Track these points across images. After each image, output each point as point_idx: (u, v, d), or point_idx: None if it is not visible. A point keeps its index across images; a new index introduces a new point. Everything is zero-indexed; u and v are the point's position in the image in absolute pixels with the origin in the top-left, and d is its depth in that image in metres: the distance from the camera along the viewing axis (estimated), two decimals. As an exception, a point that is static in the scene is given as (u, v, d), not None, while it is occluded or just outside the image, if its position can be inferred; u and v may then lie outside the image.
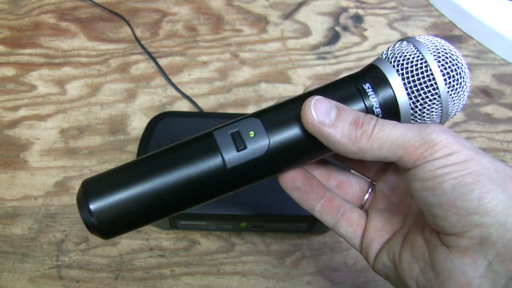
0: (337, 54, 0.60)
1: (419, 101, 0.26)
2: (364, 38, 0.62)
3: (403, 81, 0.26)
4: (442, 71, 0.26)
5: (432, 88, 0.26)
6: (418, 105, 0.26)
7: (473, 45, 0.62)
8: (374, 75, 0.27)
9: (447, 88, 0.26)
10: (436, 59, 0.26)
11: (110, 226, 0.26)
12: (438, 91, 0.26)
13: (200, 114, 0.51)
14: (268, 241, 0.46)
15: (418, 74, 0.26)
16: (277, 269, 0.45)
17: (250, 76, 0.57)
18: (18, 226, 0.46)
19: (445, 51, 0.26)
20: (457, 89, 0.26)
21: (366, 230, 0.30)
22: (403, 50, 0.27)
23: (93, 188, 0.26)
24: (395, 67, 0.26)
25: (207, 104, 0.55)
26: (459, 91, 0.26)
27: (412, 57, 0.26)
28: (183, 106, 0.54)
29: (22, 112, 0.54)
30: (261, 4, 0.65)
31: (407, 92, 0.26)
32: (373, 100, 0.26)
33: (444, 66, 0.26)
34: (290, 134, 0.26)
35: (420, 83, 0.26)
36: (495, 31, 0.59)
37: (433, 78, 0.25)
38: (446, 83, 0.26)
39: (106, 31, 0.61)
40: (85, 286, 0.43)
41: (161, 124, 0.46)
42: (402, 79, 0.26)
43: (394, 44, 0.28)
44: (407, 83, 0.26)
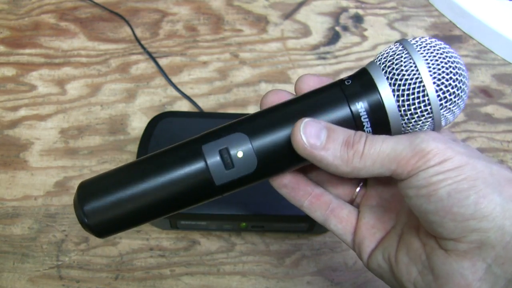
0: (337, 54, 0.60)
1: (408, 114, 0.25)
2: (364, 38, 0.62)
3: (393, 93, 0.25)
4: (435, 83, 0.25)
5: (424, 105, 0.25)
6: (409, 116, 0.25)
7: (473, 45, 0.62)
8: (364, 83, 0.26)
9: (439, 101, 0.25)
10: (430, 71, 0.25)
11: (103, 226, 0.28)
12: (430, 107, 0.25)
13: (200, 114, 0.51)
14: (268, 241, 0.46)
15: (410, 89, 0.25)
16: (277, 269, 0.45)
17: (250, 76, 0.57)
18: (18, 226, 0.46)
19: (442, 61, 0.25)
20: (452, 101, 0.25)
21: (358, 227, 0.30)
22: (397, 59, 0.26)
23: (88, 191, 0.28)
24: (386, 74, 0.26)
25: (207, 104, 0.55)
26: (455, 102, 0.25)
27: (405, 68, 0.25)
28: (183, 106, 0.54)
29: (22, 112, 0.54)
30: (261, 4, 0.65)
31: (398, 105, 0.25)
32: (361, 110, 0.26)
33: (438, 79, 0.25)
34: (279, 154, 0.27)
35: (412, 98, 0.25)
36: (495, 31, 0.59)
37: (426, 93, 0.25)
38: (439, 98, 0.25)
39: (106, 31, 0.61)
40: (85, 286, 0.43)
41: (161, 124, 0.46)
42: (393, 90, 0.25)
43: (390, 48, 0.27)
44: (398, 96, 0.25)
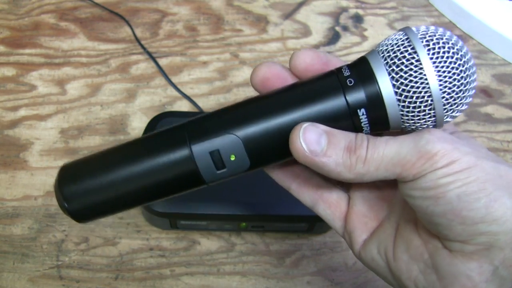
0: (337, 54, 0.60)
1: (410, 114, 0.24)
2: (364, 38, 0.62)
3: (393, 88, 0.24)
4: (440, 81, 0.23)
5: (425, 105, 0.24)
6: (410, 115, 0.24)
7: (473, 45, 0.62)
8: (363, 73, 0.25)
9: (442, 99, 0.24)
10: (434, 64, 0.23)
11: (83, 212, 0.27)
12: (432, 105, 0.24)
13: (200, 114, 0.50)
14: (268, 241, 0.46)
15: (411, 84, 0.23)
16: (277, 269, 0.45)
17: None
18: (18, 226, 0.46)
19: (447, 55, 0.23)
20: (456, 98, 0.24)
21: (349, 215, 0.29)
22: (400, 48, 0.24)
23: (69, 174, 0.27)
24: (387, 66, 0.24)
25: (207, 104, 0.55)
26: (460, 98, 0.24)
27: (408, 61, 0.24)
28: (183, 106, 0.54)
29: (22, 112, 0.54)
30: (261, 4, 0.65)
31: (397, 98, 0.24)
32: (358, 102, 0.24)
33: (444, 75, 0.23)
34: (273, 154, 0.26)
35: (413, 92, 0.23)
36: (495, 31, 0.59)
37: (429, 89, 0.23)
38: (444, 98, 0.23)
39: (106, 31, 0.61)
40: (85, 286, 0.43)
41: (161, 124, 0.46)
42: (393, 85, 0.24)
43: (393, 36, 0.25)
44: (398, 91, 0.24)
